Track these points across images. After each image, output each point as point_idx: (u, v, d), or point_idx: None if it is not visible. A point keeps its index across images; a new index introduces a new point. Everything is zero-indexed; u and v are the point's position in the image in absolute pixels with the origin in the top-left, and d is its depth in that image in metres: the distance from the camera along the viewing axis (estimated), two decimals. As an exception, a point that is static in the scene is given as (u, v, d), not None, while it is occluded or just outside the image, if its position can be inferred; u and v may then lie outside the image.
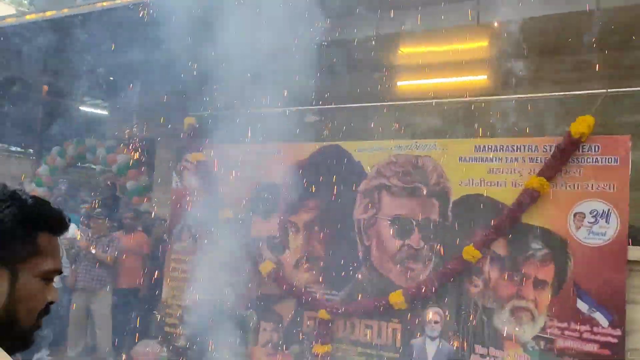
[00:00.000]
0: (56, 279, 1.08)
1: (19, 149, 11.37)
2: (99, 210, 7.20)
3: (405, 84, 7.06)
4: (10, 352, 0.93)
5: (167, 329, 6.50)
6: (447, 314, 4.94)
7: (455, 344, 4.88)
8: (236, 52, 6.32)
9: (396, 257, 5.25)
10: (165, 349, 6.47)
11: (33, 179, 9.49)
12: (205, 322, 6.19)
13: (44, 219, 1.03)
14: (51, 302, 1.03)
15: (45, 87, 8.64)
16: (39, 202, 1.03)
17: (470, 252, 4.80)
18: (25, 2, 20.31)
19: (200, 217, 6.45)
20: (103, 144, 9.15)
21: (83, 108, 10.65)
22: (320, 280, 5.63)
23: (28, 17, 7.18)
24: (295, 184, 5.89)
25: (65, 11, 6.66)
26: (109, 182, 8.69)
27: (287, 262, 5.86)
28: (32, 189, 9.00)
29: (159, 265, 6.79)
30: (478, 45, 6.09)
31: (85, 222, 7.18)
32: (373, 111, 6.47)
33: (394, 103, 6.01)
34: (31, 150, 10.40)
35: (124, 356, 6.70)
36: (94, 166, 10.07)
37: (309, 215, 5.80)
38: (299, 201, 5.85)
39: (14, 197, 1.00)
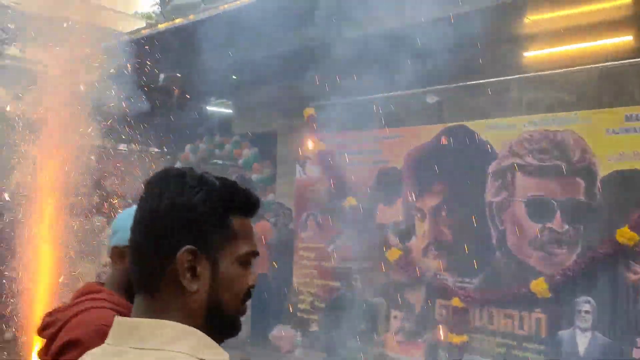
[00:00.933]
0: None
1: (155, 149, 12.25)
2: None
3: (534, 54, 6.51)
4: (219, 340, 0.92)
5: (299, 314, 6.62)
6: (600, 303, 4.47)
7: (612, 336, 4.40)
8: (353, 36, 6.23)
9: (536, 242, 4.86)
10: (299, 334, 6.63)
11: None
12: (335, 309, 6.22)
13: (235, 202, 0.96)
14: (252, 286, 0.98)
15: (177, 91, 9.19)
16: (227, 183, 0.97)
17: (625, 235, 4.29)
18: (154, 14, 21.93)
19: (325, 206, 6.48)
20: (229, 140, 9.57)
21: (210, 108, 11.23)
22: (452, 267, 5.38)
23: (160, 26, 7.65)
24: (419, 169, 5.69)
25: (192, 17, 7.00)
26: (235, 176, 9.07)
27: (415, 249, 5.68)
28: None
29: (287, 253, 6.94)
30: (618, 2, 5.42)
31: None
32: (499, 86, 6.03)
33: (526, 75, 5.56)
34: (166, 149, 11.16)
35: (261, 341, 6.94)
36: (219, 162, 10.59)
37: (435, 200, 5.57)
38: (423, 186, 5.64)
39: (203, 182, 0.94)
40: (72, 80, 5.93)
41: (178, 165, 10.14)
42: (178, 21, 7.56)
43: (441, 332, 5.40)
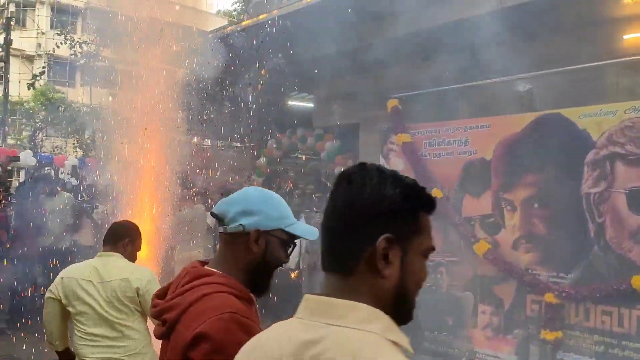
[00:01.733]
0: None
1: (238, 144, 12.62)
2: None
3: (634, 36, 6.10)
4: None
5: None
6: None
7: None
8: (437, 25, 6.13)
9: (637, 235, 4.58)
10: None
11: (253, 170, 10.48)
12: (420, 303, 6.17)
13: (423, 199, 1.05)
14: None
15: (259, 86, 9.42)
16: (414, 182, 1.06)
17: None
18: (235, 12, 22.59)
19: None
20: (312, 133, 9.70)
21: (292, 102, 11.43)
22: (545, 261, 5.18)
23: (245, 22, 7.87)
24: (509, 159, 5.51)
25: (275, 13, 7.15)
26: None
27: (504, 242, 5.52)
28: (253, 180, 9.96)
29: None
30: None
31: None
32: (597, 72, 5.72)
33: (625, 59, 5.23)
34: (250, 143, 11.49)
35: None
36: (300, 155, 10.75)
37: (527, 191, 5.37)
38: (514, 177, 5.46)
39: (398, 178, 1.04)
40: (162, 78, 6.26)
41: (262, 159, 10.41)
42: (262, 17, 7.75)
43: (533, 329, 5.22)
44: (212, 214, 1.65)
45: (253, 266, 1.55)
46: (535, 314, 5.22)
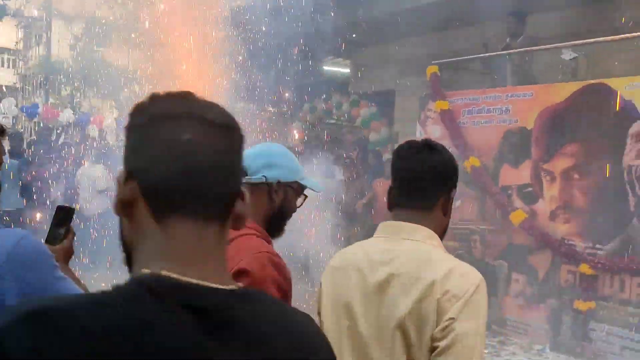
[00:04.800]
0: None
1: (272, 108, 12.67)
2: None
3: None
4: None
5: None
6: None
7: None
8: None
9: (679, 209, 4.54)
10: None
11: (288, 135, 10.55)
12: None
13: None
14: None
15: (295, 50, 9.41)
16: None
17: None
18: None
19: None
20: (347, 99, 9.69)
21: (327, 67, 11.38)
22: (582, 232, 5.18)
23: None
24: (551, 129, 5.45)
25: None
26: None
27: (541, 212, 5.52)
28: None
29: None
30: None
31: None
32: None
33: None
34: (285, 108, 11.53)
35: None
36: (333, 120, 10.77)
37: (567, 162, 5.33)
38: (555, 147, 5.42)
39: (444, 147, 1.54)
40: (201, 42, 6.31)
41: (297, 123, 10.48)
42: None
43: (566, 299, 5.26)
44: None
45: (272, 214, 1.70)
46: (569, 284, 5.25)
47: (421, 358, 1.26)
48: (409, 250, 1.37)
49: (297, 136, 10.07)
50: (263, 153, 1.73)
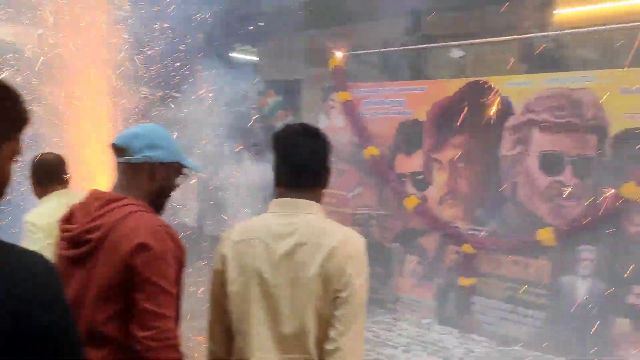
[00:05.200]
0: None
1: (177, 94, 12.45)
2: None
3: (560, 12, 6.59)
4: None
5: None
6: (600, 252, 4.80)
7: (610, 283, 4.74)
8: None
9: (546, 194, 5.15)
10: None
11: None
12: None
13: None
14: None
15: (200, 34, 9.35)
16: None
17: (630, 189, 4.56)
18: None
19: (347, 155, 6.79)
20: (255, 88, 9.80)
21: (234, 54, 11.38)
22: (466, 215, 5.71)
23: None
24: (440, 121, 5.93)
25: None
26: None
27: (432, 198, 6.01)
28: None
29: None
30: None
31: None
32: (521, 44, 6.18)
33: (546, 34, 5.70)
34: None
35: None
36: (242, 108, 10.83)
37: (454, 152, 5.84)
38: (444, 138, 5.91)
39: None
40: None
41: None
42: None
43: (452, 276, 5.79)
44: (113, 146, 1.82)
45: (155, 192, 1.81)
46: (454, 263, 5.78)
47: (325, 307, 1.56)
48: (307, 223, 1.62)
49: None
50: (145, 133, 1.80)
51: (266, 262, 1.60)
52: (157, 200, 1.84)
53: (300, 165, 1.68)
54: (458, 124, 5.69)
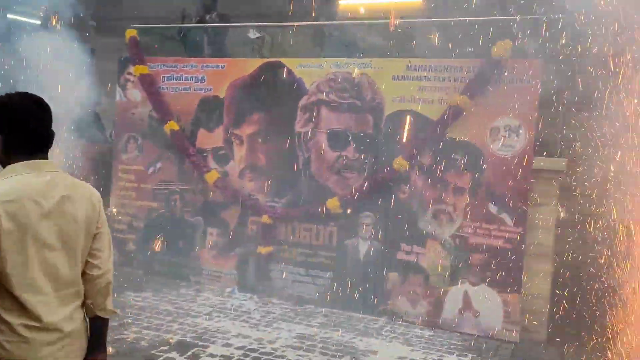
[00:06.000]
0: None
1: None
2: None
3: (345, 3, 7.28)
4: None
5: (117, 235, 6.80)
6: (377, 217, 5.55)
7: (384, 243, 5.53)
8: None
9: (333, 167, 5.75)
10: (116, 253, 6.82)
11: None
12: (153, 228, 6.59)
13: None
14: None
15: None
16: None
17: (399, 163, 5.36)
18: None
19: (146, 130, 6.67)
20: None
21: (15, 16, 10.16)
22: (264, 188, 6.08)
23: None
24: (240, 99, 6.17)
25: None
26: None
27: (232, 172, 6.25)
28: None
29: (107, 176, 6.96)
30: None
31: None
32: (312, 30, 6.72)
33: (332, 22, 6.29)
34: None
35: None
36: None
37: (253, 128, 6.15)
38: (243, 115, 6.17)
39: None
40: None
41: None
42: None
43: (252, 246, 6.13)
44: None
45: None
46: (254, 233, 6.13)
47: (89, 241, 1.95)
48: (61, 179, 1.91)
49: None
50: None
51: (38, 218, 1.80)
52: None
53: (43, 131, 1.91)
54: (256, 101, 6.00)
